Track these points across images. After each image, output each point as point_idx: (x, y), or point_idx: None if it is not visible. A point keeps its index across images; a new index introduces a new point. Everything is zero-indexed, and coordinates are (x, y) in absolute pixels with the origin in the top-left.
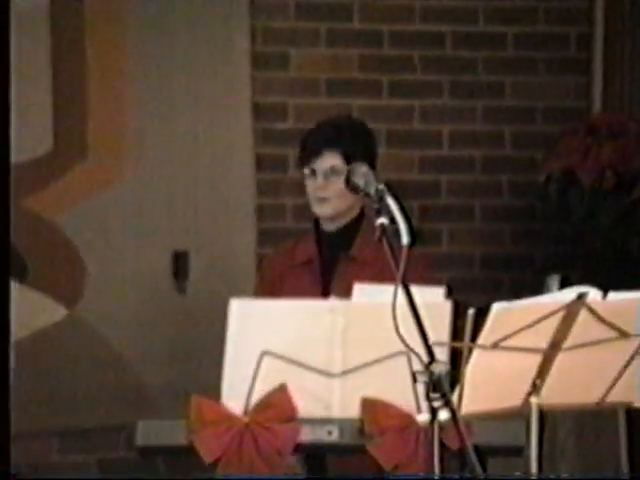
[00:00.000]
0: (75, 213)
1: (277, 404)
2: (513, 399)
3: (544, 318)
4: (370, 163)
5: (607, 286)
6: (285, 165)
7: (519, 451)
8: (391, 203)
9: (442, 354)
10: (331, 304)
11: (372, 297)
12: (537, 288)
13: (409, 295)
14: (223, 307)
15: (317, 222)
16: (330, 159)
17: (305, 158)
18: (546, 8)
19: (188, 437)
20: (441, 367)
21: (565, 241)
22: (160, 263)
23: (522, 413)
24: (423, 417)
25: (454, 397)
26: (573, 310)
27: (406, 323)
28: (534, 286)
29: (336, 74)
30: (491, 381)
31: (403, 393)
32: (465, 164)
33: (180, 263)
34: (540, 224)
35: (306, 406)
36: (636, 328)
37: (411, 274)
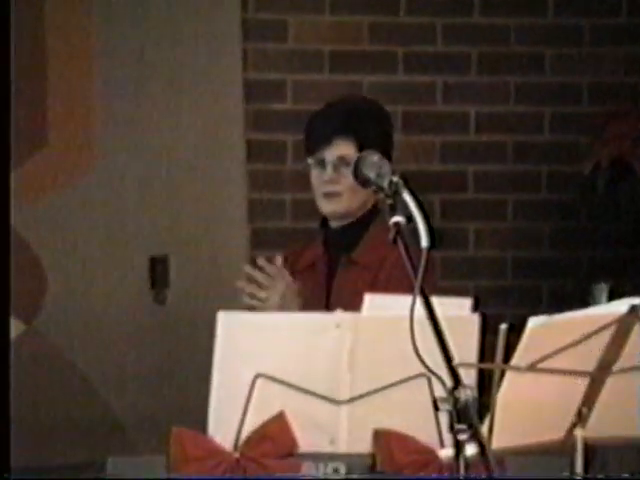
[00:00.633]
0: (33, 211)
1: (273, 436)
2: (554, 431)
3: (591, 335)
4: (386, 153)
5: None
6: (283, 153)
7: None
8: (408, 198)
9: (469, 377)
10: (337, 318)
11: (385, 309)
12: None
13: (429, 307)
14: (210, 321)
15: (325, 220)
16: (342, 147)
17: (311, 146)
18: None
19: (168, 476)
20: (468, 393)
21: (615, 243)
22: (135, 270)
23: (565, 448)
24: (446, 452)
25: (483, 428)
26: (625, 325)
27: (426, 340)
28: (578, 296)
29: (342, 45)
30: (527, 410)
31: (423, 424)
32: (496, 152)
33: (158, 269)
34: (585, 223)
35: (308, 439)
36: None
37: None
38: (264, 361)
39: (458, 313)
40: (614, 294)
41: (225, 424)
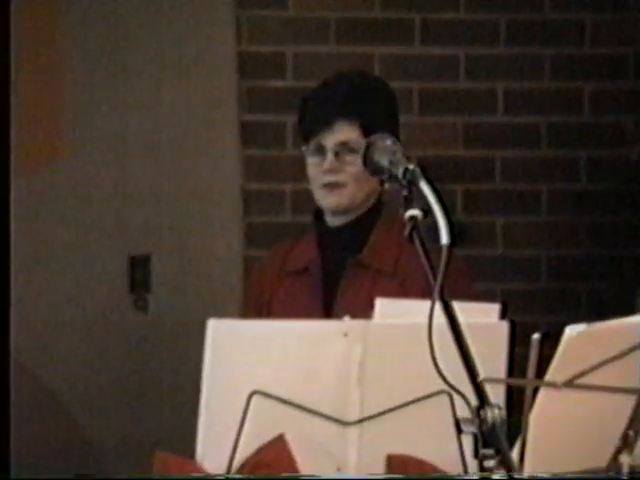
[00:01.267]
0: None
1: (272, 461)
2: (595, 457)
3: (638, 346)
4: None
5: None
6: (282, 137)
7: None
8: (425, 189)
9: (497, 395)
10: (344, 325)
11: (399, 316)
12: (626, 304)
13: (450, 314)
14: (198, 329)
15: (318, 216)
16: (344, 131)
17: (307, 131)
18: None
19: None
20: (495, 413)
21: None
22: (112, 272)
23: (608, 477)
24: None
25: (513, 454)
26: None
27: (446, 352)
28: (621, 301)
29: (350, 12)
30: (564, 432)
31: (443, 448)
32: (527, 135)
33: (138, 271)
34: (630, 216)
35: (311, 465)
36: None
37: (449, 286)
38: (261, 375)
39: (484, 320)
40: None
41: (216, 448)
